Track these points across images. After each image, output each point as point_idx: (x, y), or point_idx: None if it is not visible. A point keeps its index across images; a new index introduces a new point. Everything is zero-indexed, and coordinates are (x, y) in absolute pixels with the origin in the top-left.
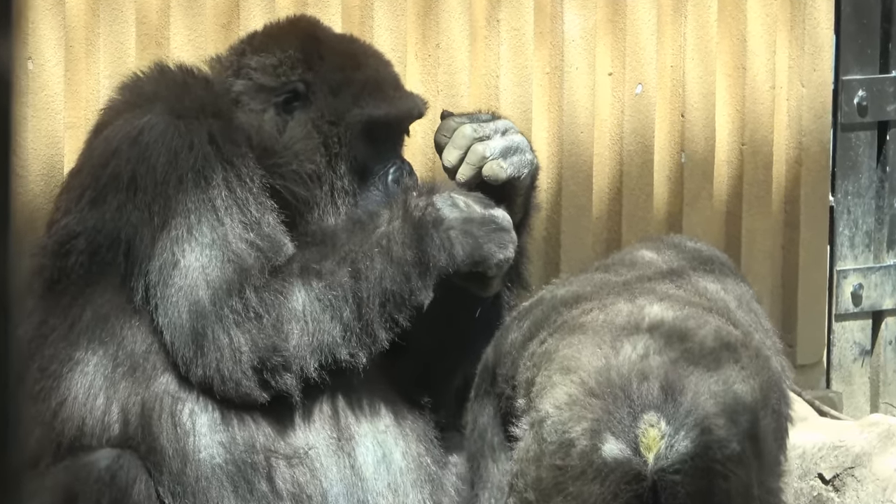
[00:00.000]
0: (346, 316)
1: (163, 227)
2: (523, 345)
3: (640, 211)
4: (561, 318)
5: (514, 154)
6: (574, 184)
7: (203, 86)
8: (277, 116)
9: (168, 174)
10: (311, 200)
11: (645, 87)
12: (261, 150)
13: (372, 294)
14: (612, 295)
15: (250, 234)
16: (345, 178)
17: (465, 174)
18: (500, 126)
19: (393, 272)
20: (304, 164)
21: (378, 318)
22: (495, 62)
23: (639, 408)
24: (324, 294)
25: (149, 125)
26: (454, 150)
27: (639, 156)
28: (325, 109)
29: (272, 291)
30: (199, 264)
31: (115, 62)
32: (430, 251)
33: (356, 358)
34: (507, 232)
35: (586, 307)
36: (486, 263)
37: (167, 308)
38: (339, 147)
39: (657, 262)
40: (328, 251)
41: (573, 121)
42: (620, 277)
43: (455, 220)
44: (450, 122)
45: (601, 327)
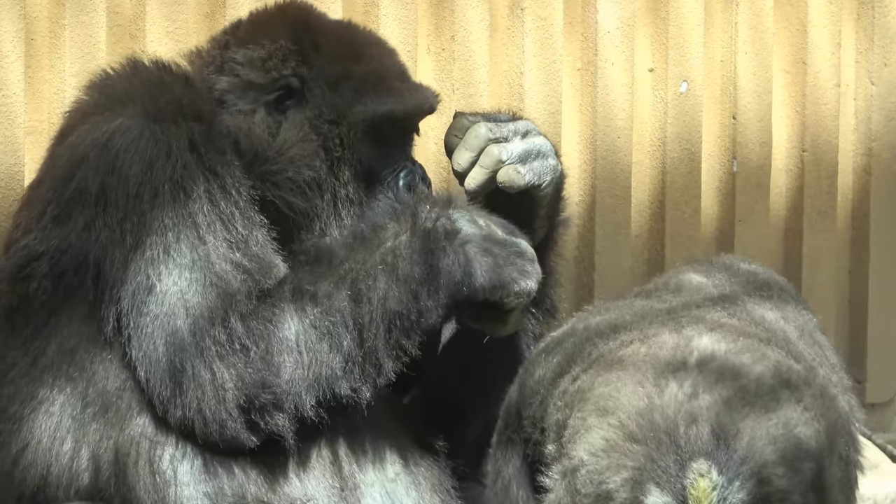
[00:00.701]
0: (346, 344)
1: (136, 247)
2: (553, 382)
3: (685, 228)
4: (596, 351)
5: (535, 159)
6: (610, 197)
7: (182, 84)
8: (269, 117)
9: (142, 186)
10: (311, 212)
11: (690, 84)
12: (251, 156)
13: (375, 318)
14: (655, 324)
15: (236, 254)
16: (349, 184)
17: (477, 179)
18: (521, 127)
19: (399, 292)
20: (301, 171)
21: (383, 346)
22: (519, 57)
23: (687, 455)
24: (320, 320)
25: (120, 130)
26: (466, 152)
27: (684, 164)
28: (324, 107)
29: (260, 319)
30: (178, 289)
31: (84, 58)
32: (441, 265)
33: (359, 392)
34: (531, 261)
35: (625, 339)
36: (506, 290)
37: (141, 340)
38: (342, 150)
39: (706, 287)
40: (325, 271)
41: (608, 124)
42: (664, 304)
43: (473, 235)
44: (462, 120)
45: (643, 362)
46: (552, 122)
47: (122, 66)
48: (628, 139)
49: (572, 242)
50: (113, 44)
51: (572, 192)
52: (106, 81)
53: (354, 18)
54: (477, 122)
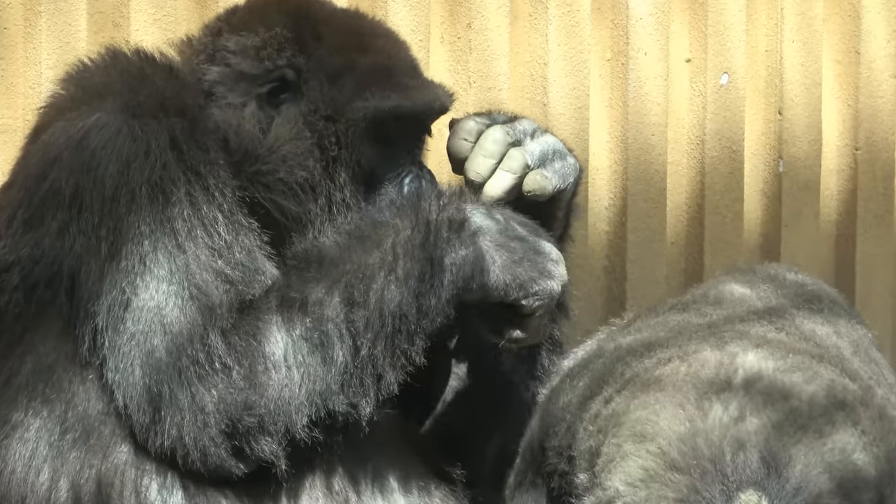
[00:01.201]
0: (341, 354)
1: (112, 257)
2: (582, 405)
3: (726, 234)
4: (630, 370)
5: (555, 160)
6: (643, 200)
7: (166, 76)
8: (260, 111)
9: (118, 188)
10: (304, 217)
11: (732, 76)
12: (240, 154)
13: (372, 323)
14: (695, 340)
15: (218, 262)
16: (346, 188)
17: (503, 184)
18: (527, 127)
19: (398, 292)
20: (293, 172)
21: (382, 354)
22: (542, 46)
23: (734, 485)
24: (310, 330)
25: (96, 127)
26: (485, 159)
27: (725, 164)
28: (321, 102)
29: (243, 334)
30: (154, 304)
31: (61, 49)
32: (447, 259)
33: (358, 408)
34: (555, 262)
35: (662, 356)
36: (524, 289)
37: (117, 361)
38: (338, 149)
39: (750, 299)
40: (315, 275)
41: (641, 120)
42: (704, 318)
43: (488, 227)
44: (470, 122)
45: (683, 382)
46: (579, 118)
47: (101, 57)
48: (663, 136)
49: (601, 250)
50: (94, 33)
51: (601, 194)
52: (83, 74)
53: (360, 5)
54: (492, 124)
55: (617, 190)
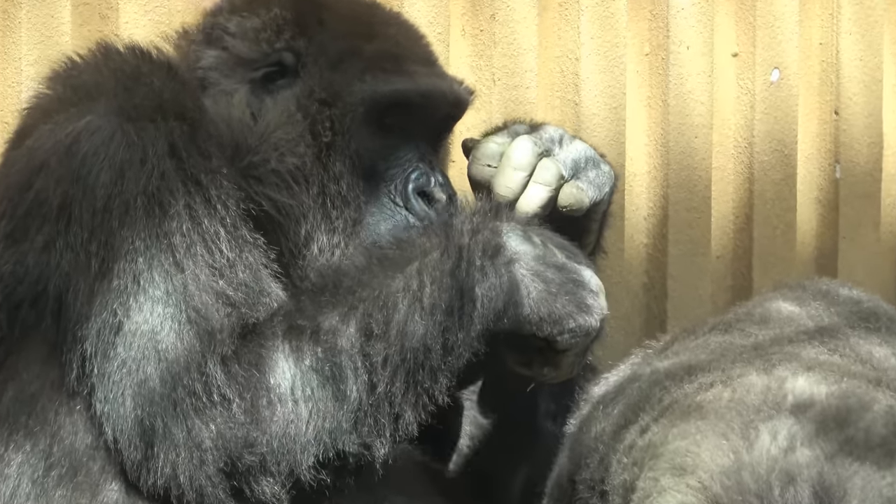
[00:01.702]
0: (355, 390)
1: (103, 276)
2: (616, 436)
3: (777, 247)
4: (669, 396)
5: (589, 168)
6: (685, 209)
7: (164, 74)
8: (252, 97)
9: (111, 199)
10: (296, 210)
11: (783, 72)
12: (232, 148)
13: (392, 357)
14: (740, 363)
15: (219, 282)
16: (342, 180)
17: (538, 200)
18: (554, 134)
19: (423, 324)
20: (284, 159)
21: (401, 392)
22: (573, 40)
23: None
24: (321, 361)
25: (88, 131)
26: (515, 172)
27: (776, 169)
28: (317, 85)
29: (245, 363)
30: (149, 328)
31: (44, 42)
32: (478, 290)
33: (372, 449)
34: (594, 294)
35: (704, 381)
36: (560, 325)
37: (107, 391)
38: (332, 135)
39: (799, 318)
40: (330, 300)
41: (683, 121)
42: (749, 339)
43: (524, 253)
44: (489, 145)
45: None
46: (614, 118)
47: (91, 54)
48: (707, 139)
49: (640, 265)
50: (79, 25)
51: (639, 203)
52: (71, 72)
53: None
54: (518, 136)
55: (656, 198)
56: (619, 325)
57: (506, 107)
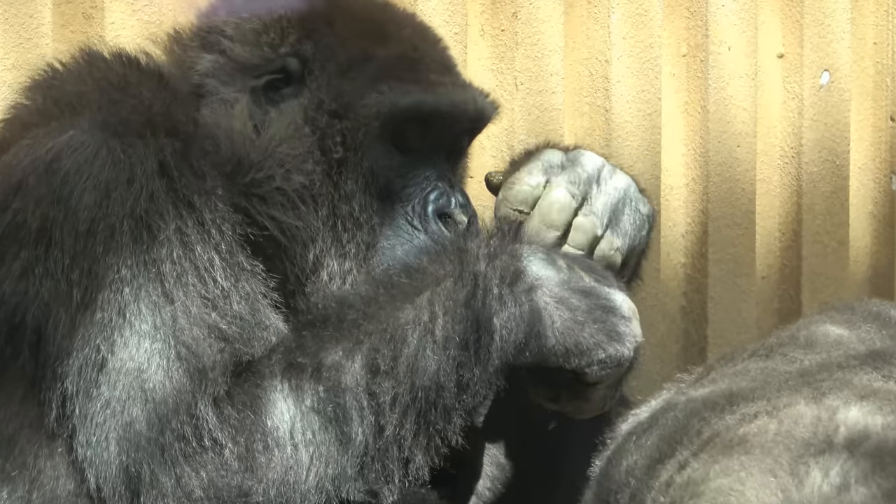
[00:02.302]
0: (360, 433)
1: (85, 307)
2: (650, 471)
3: (829, 266)
4: (709, 428)
5: (624, 212)
6: (727, 226)
7: (154, 84)
8: (255, 107)
9: (95, 223)
10: (303, 233)
11: (834, 75)
12: (233, 164)
13: (401, 397)
14: (786, 392)
15: (212, 315)
16: (354, 200)
17: None
18: (591, 170)
19: (435, 359)
20: (290, 177)
21: (411, 434)
22: (603, 40)
23: None
24: (323, 402)
25: (70, 147)
26: (549, 231)
27: (826, 181)
28: (326, 95)
29: (240, 404)
30: (135, 365)
31: (21, 46)
32: (496, 321)
33: (379, 497)
34: (626, 320)
35: (747, 412)
36: (588, 357)
37: (90, 434)
38: (344, 151)
39: (849, 342)
40: (333, 333)
41: (724, 129)
42: (793, 365)
43: (547, 278)
44: (520, 187)
45: (773, 443)
46: (648, 126)
47: (74, 61)
48: (751, 149)
49: (677, 287)
50: (61, 27)
51: (676, 219)
52: (52, 81)
53: None
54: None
55: (695, 213)
56: (654, 352)
57: (529, 114)
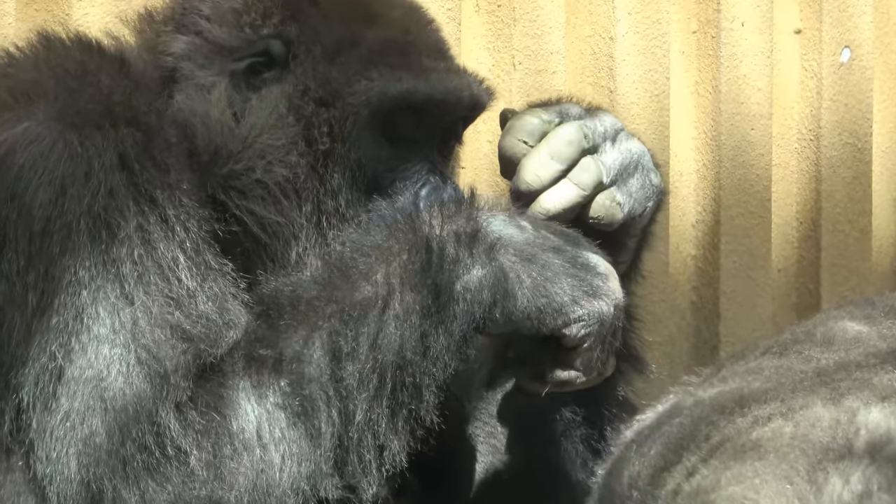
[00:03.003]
0: (330, 423)
1: (42, 311)
2: (654, 480)
3: (849, 257)
4: (718, 433)
5: (634, 176)
6: (740, 215)
7: (115, 71)
8: (234, 93)
9: (51, 222)
10: (285, 230)
11: (855, 52)
12: (210, 153)
13: (366, 377)
14: (802, 393)
15: (175, 314)
16: (340, 194)
17: (566, 200)
18: (609, 126)
19: (398, 334)
20: (272, 169)
21: (383, 417)
22: (607, 16)
23: None
24: (288, 396)
25: (24, 140)
26: (552, 161)
27: (847, 165)
28: (312, 81)
29: (203, 407)
30: (93, 373)
31: None
32: (458, 284)
33: (358, 491)
34: (604, 277)
35: (760, 414)
36: (565, 315)
37: (49, 448)
38: (331, 142)
39: (869, 339)
40: (289, 322)
41: (738, 110)
42: (810, 364)
43: (510, 238)
44: (532, 119)
45: (789, 447)
46: (656, 107)
47: (31, 46)
48: (766, 131)
49: (687, 281)
50: (24, 5)
51: (686, 207)
52: (7, 69)
53: None
54: (565, 121)
55: (707, 202)
56: (663, 351)
57: (528, 95)
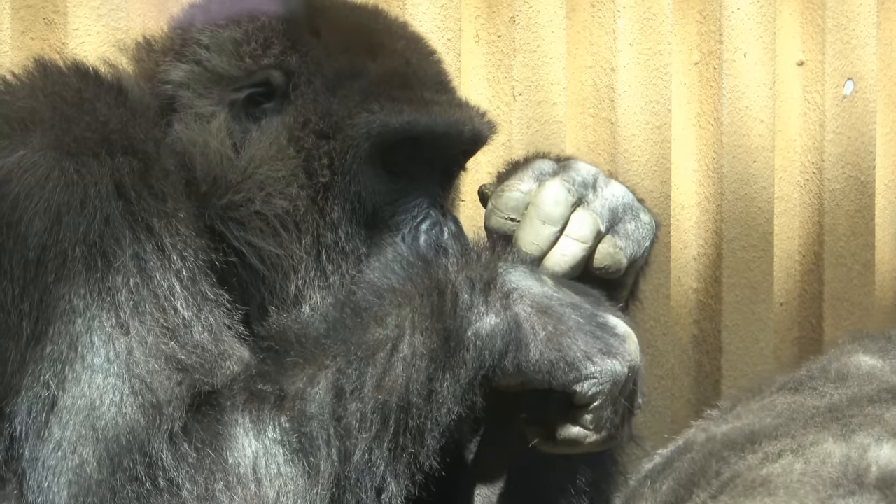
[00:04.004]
0: (328, 463)
1: (36, 340)
2: None
3: (853, 291)
4: (729, 469)
5: (627, 219)
6: (742, 248)
7: (112, 99)
8: (234, 124)
9: (46, 250)
10: (284, 262)
11: (858, 84)
12: (209, 183)
13: (367, 419)
14: (813, 429)
15: (169, 345)
16: (339, 228)
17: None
18: (586, 175)
19: (404, 376)
20: (272, 201)
21: (383, 460)
22: (608, 47)
23: None
24: (287, 433)
25: (20, 168)
26: (545, 226)
27: (850, 199)
28: (313, 113)
29: (198, 440)
30: (86, 403)
31: None
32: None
33: None
34: (623, 340)
35: (771, 450)
36: (577, 372)
37: (40, 478)
38: (331, 175)
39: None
40: (295, 359)
41: (740, 142)
42: (822, 400)
43: (528, 289)
44: (510, 193)
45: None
46: (657, 139)
47: (27, 73)
48: (768, 164)
49: (688, 315)
50: (20, 33)
51: (688, 240)
52: (3, 96)
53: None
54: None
55: (708, 234)
56: (663, 386)
57: (528, 126)
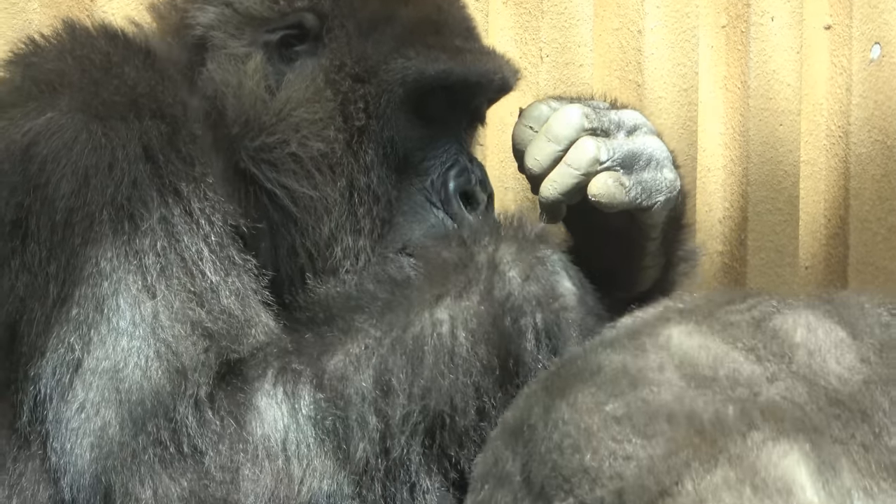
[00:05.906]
0: (362, 451)
1: (63, 302)
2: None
3: (878, 255)
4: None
5: (645, 168)
6: (769, 212)
7: (140, 63)
8: (268, 65)
9: (73, 212)
10: (318, 204)
11: (886, 48)
12: (241, 125)
13: (411, 417)
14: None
15: (196, 310)
16: (373, 171)
17: (561, 184)
18: (627, 119)
19: (455, 382)
20: (308, 144)
21: (420, 458)
22: (636, 9)
23: None
24: (323, 411)
25: (47, 131)
26: (548, 144)
27: (876, 163)
28: (348, 57)
29: (223, 408)
30: (110, 365)
31: (6, 12)
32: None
33: None
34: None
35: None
36: None
37: (63, 440)
38: (367, 119)
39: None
40: (337, 335)
41: (766, 106)
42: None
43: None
44: (540, 106)
45: None
46: (684, 102)
47: (55, 35)
48: (795, 127)
49: (714, 278)
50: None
51: (713, 203)
52: (31, 58)
53: None
54: (571, 108)
55: (734, 198)
56: None
57: (555, 87)
